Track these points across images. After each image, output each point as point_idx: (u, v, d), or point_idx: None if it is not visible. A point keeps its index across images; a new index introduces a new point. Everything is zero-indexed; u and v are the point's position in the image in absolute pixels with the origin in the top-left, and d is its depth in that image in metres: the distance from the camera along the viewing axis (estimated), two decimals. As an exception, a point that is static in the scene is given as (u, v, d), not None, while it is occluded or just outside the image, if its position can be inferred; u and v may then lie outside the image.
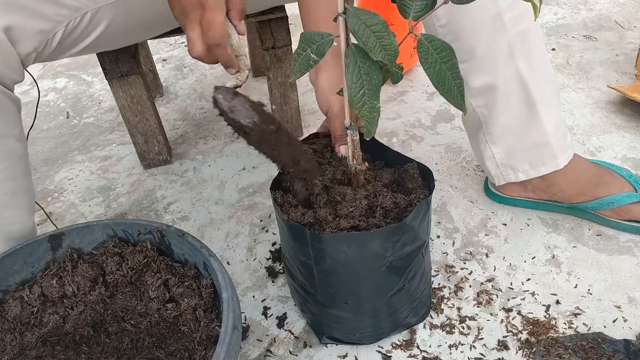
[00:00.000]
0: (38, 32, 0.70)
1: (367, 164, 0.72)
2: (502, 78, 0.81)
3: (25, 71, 0.72)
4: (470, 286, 0.87)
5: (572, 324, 0.80)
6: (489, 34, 0.78)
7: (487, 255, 0.92)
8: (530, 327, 0.80)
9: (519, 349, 0.77)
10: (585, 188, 0.91)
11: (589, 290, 0.85)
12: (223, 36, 0.59)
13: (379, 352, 0.79)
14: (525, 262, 0.90)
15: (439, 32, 0.80)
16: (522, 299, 0.84)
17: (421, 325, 0.82)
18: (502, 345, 0.78)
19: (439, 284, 0.88)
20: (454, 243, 0.95)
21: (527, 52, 0.79)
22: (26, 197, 0.74)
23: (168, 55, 1.65)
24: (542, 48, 0.82)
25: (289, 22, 1.07)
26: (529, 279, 0.87)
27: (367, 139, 0.58)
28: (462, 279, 0.88)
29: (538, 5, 0.52)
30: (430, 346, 0.79)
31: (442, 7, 0.75)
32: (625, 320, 0.80)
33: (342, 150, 0.74)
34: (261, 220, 1.03)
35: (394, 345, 0.80)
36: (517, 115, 0.85)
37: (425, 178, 0.73)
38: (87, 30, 0.78)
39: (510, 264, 0.90)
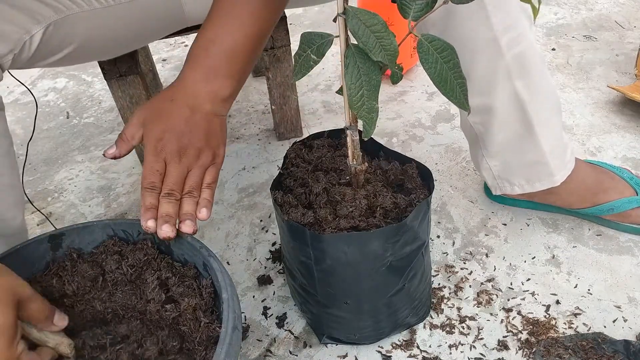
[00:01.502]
0: (12, 32, 0.67)
1: (366, 164, 0.72)
2: (499, 100, 0.79)
3: (9, 73, 0.70)
4: (470, 286, 0.87)
5: (572, 324, 0.80)
6: (485, 58, 0.76)
7: (487, 255, 0.92)
8: (530, 327, 0.80)
9: (519, 349, 0.77)
10: (585, 195, 0.90)
11: (589, 290, 0.85)
12: None
13: (379, 352, 0.79)
14: (525, 262, 0.90)
15: None
16: (522, 299, 0.84)
17: (421, 325, 0.82)
18: (502, 345, 0.78)
19: (439, 284, 0.88)
20: (454, 243, 0.95)
21: (525, 73, 0.77)
22: (12, 193, 0.73)
23: (168, 55, 1.65)
24: (540, 67, 0.80)
25: (288, 22, 1.07)
26: (529, 279, 0.87)
27: (365, 139, 0.58)
28: (462, 279, 0.88)
29: (537, 7, 0.52)
30: (430, 346, 0.79)
31: (437, 30, 0.75)
32: (625, 320, 0.80)
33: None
34: (261, 220, 1.03)
35: (394, 345, 0.80)
36: (514, 135, 0.83)
37: (425, 178, 0.73)
38: (69, 36, 0.75)
39: (510, 264, 0.90)
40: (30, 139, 1.06)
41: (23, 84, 0.98)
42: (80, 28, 0.76)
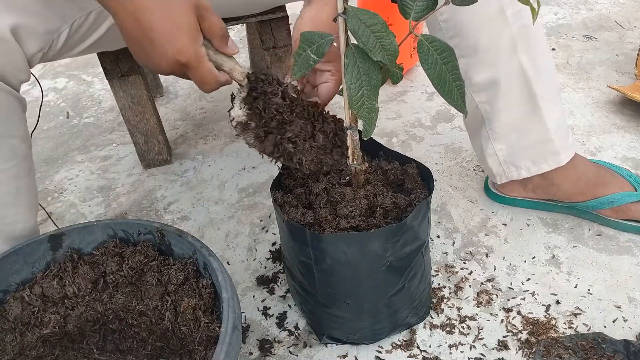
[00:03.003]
0: (45, 32, 0.69)
1: (366, 164, 0.72)
2: (505, 73, 0.81)
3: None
4: (470, 286, 0.87)
5: (572, 324, 0.80)
6: (491, 28, 0.78)
7: (487, 255, 0.92)
8: (530, 327, 0.80)
9: (519, 349, 0.77)
10: (585, 187, 0.91)
11: (589, 290, 0.85)
12: (218, 82, 0.61)
13: (379, 352, 0.79)
14: (525, 262, 0.90)
15: (441, 27, 0.80)
16: (522, 299, 0.84)
17: (421, 325, 0.82)
18: (502, 345, 0.78)
19: (439, 284, 0.88)
20: (454, 243, 0.95)
21: (529, 47, 0.80)
22: (28, 196, 0.74)
23: (168, 55, 1.65)
24: (543, 43, 0.83)
25: (290, 22, 1.07)
26: (529, 279, 0.87)
27: (365, 138, 0.58)
28: (462, 279, 0.88)
29: (536, 8, 0.52)
30: (430, 346, 0.79)
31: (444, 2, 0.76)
32: (625, 320, 0.80)
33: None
34: (261, 220, 1.03)
35: (394, 345, 0.80)
36: (519, 111, 0.85)
37: (425, 178, 0.73)
38: (91, 29, 0.77)
39: (510, 264, 0.90)
40: (34, 129, 1.05)
41: (32, 75, 0.98)
42: (101, 22, 0.78)
